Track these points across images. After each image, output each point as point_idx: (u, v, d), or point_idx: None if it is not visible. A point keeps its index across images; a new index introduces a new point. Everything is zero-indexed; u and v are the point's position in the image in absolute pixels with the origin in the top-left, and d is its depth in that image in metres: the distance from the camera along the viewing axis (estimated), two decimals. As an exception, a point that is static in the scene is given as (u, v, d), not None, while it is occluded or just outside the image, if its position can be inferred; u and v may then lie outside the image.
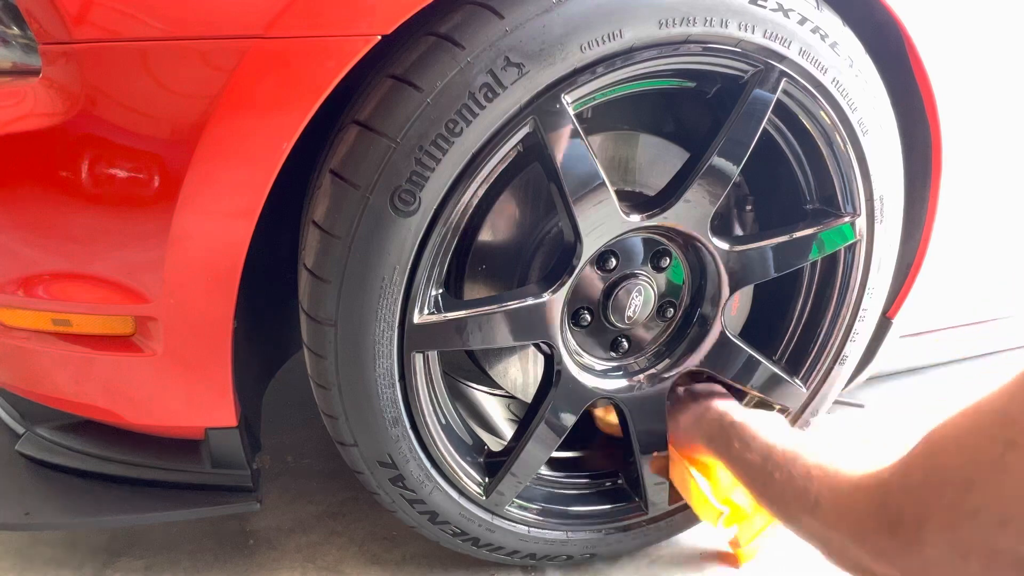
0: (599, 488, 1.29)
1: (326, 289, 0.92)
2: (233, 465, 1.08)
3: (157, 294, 0.88)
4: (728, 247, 1.10)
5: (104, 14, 0.76)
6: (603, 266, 1.09)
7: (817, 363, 1.26)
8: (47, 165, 0.82)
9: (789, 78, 1.00)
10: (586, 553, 1.27)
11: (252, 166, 0.83)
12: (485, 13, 0.85)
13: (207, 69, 0.78)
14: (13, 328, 0.96)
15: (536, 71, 0.86)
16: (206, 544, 1.31)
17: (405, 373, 1.00)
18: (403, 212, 0.88)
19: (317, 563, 1.28)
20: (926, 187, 1.19)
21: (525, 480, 1.16)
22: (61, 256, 0.88)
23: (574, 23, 0.86)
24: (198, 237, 0.85)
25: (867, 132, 1.07)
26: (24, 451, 1.12)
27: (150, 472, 1.11)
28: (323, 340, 0.95)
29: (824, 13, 0.99)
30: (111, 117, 0.79)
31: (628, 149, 1.13)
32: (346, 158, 0.89)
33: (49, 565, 1.24)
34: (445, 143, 0.86)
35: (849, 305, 1.22)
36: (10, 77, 0.82)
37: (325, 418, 1.05)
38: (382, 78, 0.88)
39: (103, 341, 0.95)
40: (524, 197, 1.09)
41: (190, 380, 0.97)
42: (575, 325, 1.11)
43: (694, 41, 0.93)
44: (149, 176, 0.82)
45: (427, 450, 1.07)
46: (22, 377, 1.05)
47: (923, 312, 1.38)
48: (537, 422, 1.11)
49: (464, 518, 1.15)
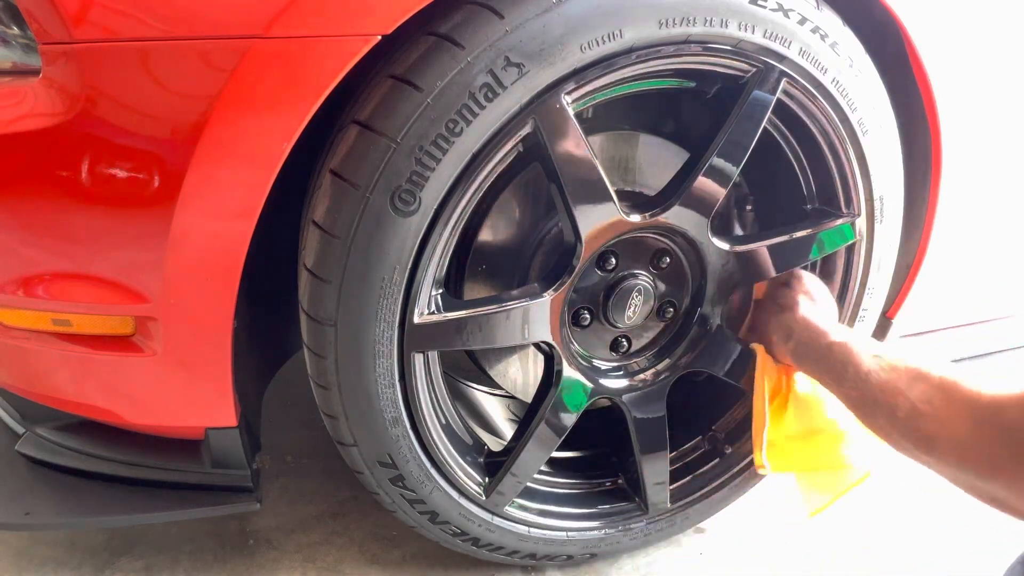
0: (599, 488, 1.29)
1: (326, 289, 0.92)
2: (233, 465, 1.08)
3: (157, 294, 0.88)
4: (728, 247, 1.10)
5: (104, 14, 0.76)
6: (603, 266, 1.09)
7: (817, 363, 1.26)
8: (47, 165, 0.82)
9: (789, 78, 1.00)
10: (586, 553, 1.27)
11: (252, 166, 0.83)
12: (485, 13, 0.85)
13: (207, 69, 0.78)
14: (13, 328, 0.96)
15: (536, 71, 0.86)
16: (206, 544, 1.30)
17: (405, 373, 1.00)
18: (403, 212, 0.88)
19: (317, 563, 1.28)
20: (926, 187, 1.19)
21: (525, 480, 1.16)
22: (61, 256, 0.88)
23: (574, 23, 0.86)
24: (198, 237, 0.85)
25: (867, 132, 1.07)
26: (24, 451, 1.12)
27: (150, 472, 1.11)
28: (323, 340, 0.95)
29: (824, 13, 0.99)
30: (111, 117, 0.79)
31: (628, 149, 1.13)
32: (346, 158, 0.89)
33: (48, 565, 1.24)
34: (445, 143, 0.86)
35: (849, 305, 1.22)
36: (10, 77, 0.82)
37: (325, 418, 1.05)
38: (382, 78, 0.88)
39: (103, 341, 0.95)
40: (524, 197, 1.09)
41: (190, 380, 0.97)
42: (575, 325, 1.11)
43: (694, 41, 0.93)
44: (149, 176, 0.82)
45: (427, 450, 1.07)
46: (22, 377, 1.05)
47: (923, 312, 1.38)
48: (537, 422, 1.11)
49: (464, 518, 1.15)
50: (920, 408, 0.73)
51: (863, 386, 0.85)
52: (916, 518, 1.46)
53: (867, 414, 0.86)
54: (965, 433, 0.67)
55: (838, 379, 0.91)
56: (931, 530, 1.43)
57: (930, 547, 1.39)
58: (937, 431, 0.71)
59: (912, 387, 0.77)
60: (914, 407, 0.74)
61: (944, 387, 0.74)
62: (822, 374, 0.97)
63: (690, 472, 1.30)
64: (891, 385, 0.80)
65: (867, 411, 0.85)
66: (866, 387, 0.84)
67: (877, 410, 0.82)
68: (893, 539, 1.41)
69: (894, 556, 1.37)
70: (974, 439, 0.66)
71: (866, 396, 0.84)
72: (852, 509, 1.47)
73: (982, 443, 0.65)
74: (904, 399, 0.76)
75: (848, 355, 0.91)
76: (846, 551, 1.37)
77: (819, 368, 0.98)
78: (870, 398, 0.83)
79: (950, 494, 1.52)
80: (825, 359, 0.95)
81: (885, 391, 0.80)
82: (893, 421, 0.78)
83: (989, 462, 0.64)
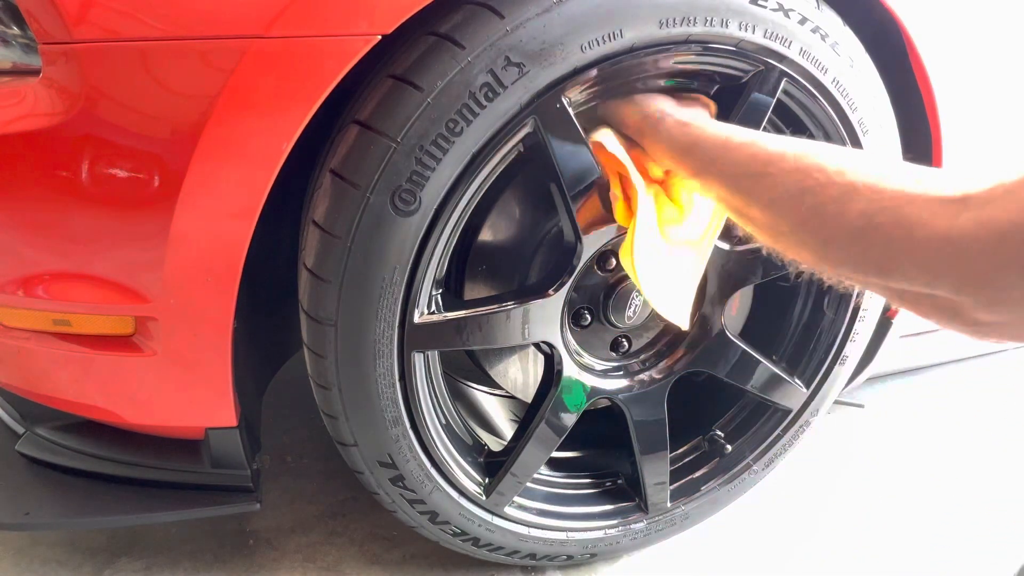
0: (599, 488, 1.29)
1: (326, 289, 0.92)
2: (233, 465, 1.08)
3: (157, 294, 0.88)
4: (728, 247, 1.10)
5: (104, 14, 0.76)
6: (603, 266, 1.09)
7: (817, 363, 1.26)
8: (47, 165, 0.81)
9: (789, 78, 1.00)
10: (586, 553, 1.27)
11: (252, 166, 0.83)
12: (485, 13, 0.85)
13: (207, 69, 0.78)
14: (13, 328, 0.96)
15: (536, 71, 0.86)
16: (206, 544, 1.30)
17: (405, 373, 1.00)
18: (403, 212, 0.88)
19: (317, 563, 1.28)
20: (926, 187, 1.19)
21: (525, 480, 1.16)
22: (61, 256, 0.88)
23: (574, 23, 0.86)
24: (198, 237, 0.85)
25: (867, 132, 1.07)
26: (24, 451, 1.12)
27: (150, 472, 1.10)
28: (323, 340, 0.95)
29: (824, 13, 0.99)
30: (111, 117, 0.79)
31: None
32: (346, 158, 0.89)
33: (49, 565, 1.24)
34: (445, 143, 0.86)
35: (849, 305, 1.22)
36: (10, 77, 0.82)
37: (325, 418, 1.05)
38: (382, 78, 0.88)
39: (103, 341, 0.95)
40: (524, 197, 1.09)
41: (190, 380, 0.97)
42: (575, 325, 1.11)
43: (694, 41, 0.93)
44: (149, 176, 0.82)
45: (427, 450, 1.07)
46: (22, 377, 1.05)
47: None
48: (537, 422, 1.11)
49: (464, 518, 1.15)
50: (860, 191, 0.58)
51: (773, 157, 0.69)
52: (916, 518, 1.46)
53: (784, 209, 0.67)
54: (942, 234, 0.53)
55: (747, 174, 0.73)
56: (931, 530, 1.43)
57: (930, 547, 1.39)
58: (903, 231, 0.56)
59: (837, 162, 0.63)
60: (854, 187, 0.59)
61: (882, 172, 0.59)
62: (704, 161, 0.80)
63: (690, 472, 1.30)
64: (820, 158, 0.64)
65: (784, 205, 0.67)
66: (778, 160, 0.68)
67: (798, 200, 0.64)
68: (893, 539, 1.41)
69: (894, 556, 1.37)
70: (956, 239, 0.52)
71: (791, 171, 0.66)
72: (852, 509, 1.47)
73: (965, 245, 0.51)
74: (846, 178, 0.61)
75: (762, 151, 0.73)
76: (846, 551, 1.37)
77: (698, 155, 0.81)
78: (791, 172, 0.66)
79: (950, 493, 1.52)
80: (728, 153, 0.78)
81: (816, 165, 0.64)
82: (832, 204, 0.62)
83: (971, 270, 0.51)
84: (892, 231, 0.57)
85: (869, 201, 0.59)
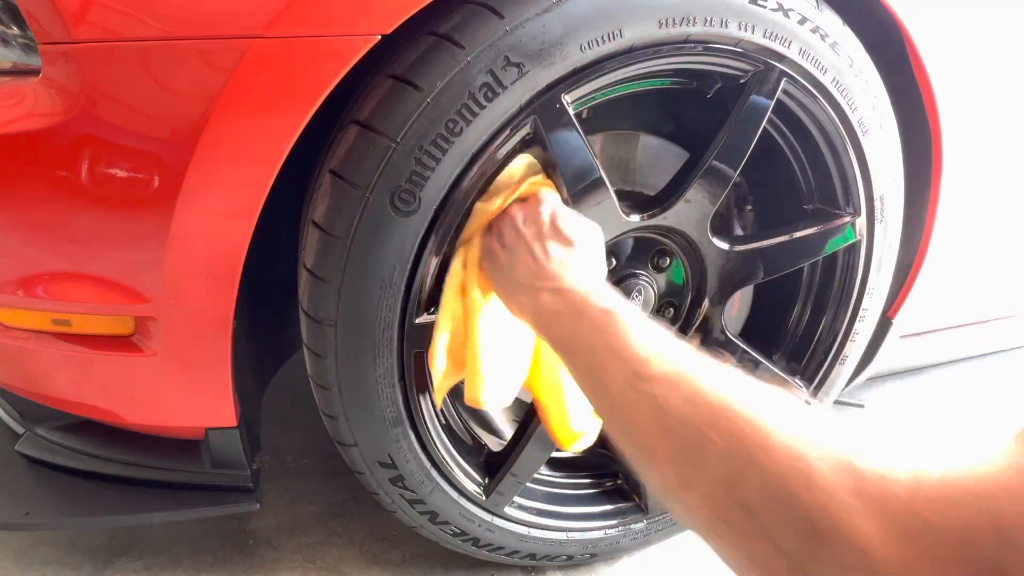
0: (599, 488, 1.29)
1: (326, 289, 0.92)
2: (233, 465, 1.08)
3: (157, 294, 0.88)
4: (728, 247, 1.10)
5: (104, 14, 0.76)
6: (603, 266, 1.09)
7: (817, 363, 1.26)
8: (47, 165, 0.81)
9: (789, 78, 1.00)
10: (586, 553, 1.27)
11: (252, 166, 0.83)
12: (485, 13, 0.85)
13: (207, 69, 0.78)
14: (13, 328, 0.96)
15: (536, 71, 0.86)
16: (206, 544, 1.30)
17: (405, 373, 1.00)
18: (403, 212, 0.88)
19: (317, 563, 1.28)
20: (926, 187, 1.19)
21: (525, 480, 1.16)
22: (61, 256, 0.88)
23: (574, 23, 0.86)
24: (198, 237, 0.85)
25: (867, 132, 1.07)
26: (24, 451, 1.12)
27: (150, 472, 1.11)
28: (323, 340, 0.95)
29: (824, 13, 0.99)
30: (111, 117, 0.79)
31: (628, 149, 1.13)
32: (346, 158, 0.89)
33: (49, 565, 1.24)
34: (445, 143, 0.86)
35: (849, 305, 1.22)
36: (10, 77, 0.82)
37: (325, 418, 1.05)
38: (382, 78, 0.88)
39: (103, 341, 0.95)
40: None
41: (190, 380, 0.97)
42: (575, 325, 1.11)
43: (694, 41, 0.93)
44: (149, 176, 0.82)
45: (427, 450, 1.07)
46: (22, 377, 1.05)
47: (923, 312, 1.38)
48: (537, 423, 1.11)
49: (464, 518, 1.15)
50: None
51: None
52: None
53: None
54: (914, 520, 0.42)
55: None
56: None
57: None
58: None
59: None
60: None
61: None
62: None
63: (690, 472, 1.30)
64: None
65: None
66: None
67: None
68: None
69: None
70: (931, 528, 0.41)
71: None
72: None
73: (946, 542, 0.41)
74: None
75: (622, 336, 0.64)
76: (846, 551, 1.37)
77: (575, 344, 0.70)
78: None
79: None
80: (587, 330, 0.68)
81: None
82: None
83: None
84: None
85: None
